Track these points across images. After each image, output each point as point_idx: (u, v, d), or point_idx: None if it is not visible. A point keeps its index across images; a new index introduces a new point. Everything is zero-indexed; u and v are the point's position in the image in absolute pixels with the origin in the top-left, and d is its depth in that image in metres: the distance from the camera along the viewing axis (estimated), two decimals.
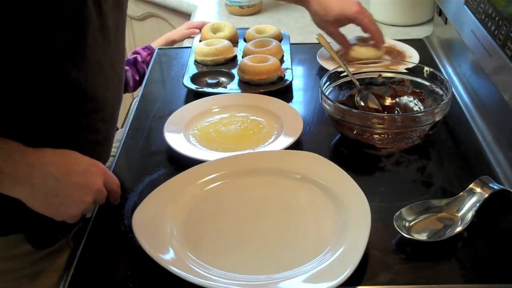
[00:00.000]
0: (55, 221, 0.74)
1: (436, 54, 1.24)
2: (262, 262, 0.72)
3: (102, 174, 0.75)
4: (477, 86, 1.04)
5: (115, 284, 0.71)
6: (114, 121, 0.88)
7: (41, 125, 0.75)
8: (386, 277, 0.69)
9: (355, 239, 0.70)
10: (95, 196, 0.74)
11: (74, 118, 0.78)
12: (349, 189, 0.79)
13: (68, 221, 0.74)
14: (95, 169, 0.75)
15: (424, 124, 0.88)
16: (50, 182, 0.70)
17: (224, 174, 0.86)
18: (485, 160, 0.90)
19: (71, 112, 0.77)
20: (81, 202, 0.72)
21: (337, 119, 0.91)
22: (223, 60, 1.21)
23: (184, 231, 0.76)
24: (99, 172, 0.75)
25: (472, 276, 0.70)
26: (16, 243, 0.82)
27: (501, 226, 0.78)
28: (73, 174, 0.72)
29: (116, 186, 0.78)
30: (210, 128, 0.99)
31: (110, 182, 0.77)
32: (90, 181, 0.73)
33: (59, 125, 0.77)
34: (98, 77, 0.79)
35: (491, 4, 0.92)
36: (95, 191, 0.74)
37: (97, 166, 0.76)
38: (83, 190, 0.72)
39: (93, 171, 0.74)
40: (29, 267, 0.84)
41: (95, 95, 0.79)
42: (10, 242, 0.82)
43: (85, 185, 0.73)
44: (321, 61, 1.19)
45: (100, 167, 0.76)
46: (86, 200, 0.73)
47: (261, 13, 1.60)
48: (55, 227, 0.80)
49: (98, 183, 0.74)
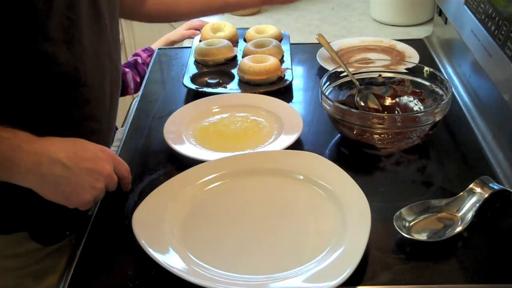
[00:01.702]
0: (60, 217, 0.74)
1: (436, 54, 1.24)
2: (262, 262, 0.72)
3: (111, 160, 0.76)
4: (477, 86, 1.04)
5: (115, 284, 0.71)
6: (115, 110, 0.88)
7: (43, 115, 0.76)
8: (386, 277, 0.69)
9: (355, 239, 0.70)
10: (106, 182, 0.74)
11: (75, 107, 0.78)
12: (349, 189, 0.79)
13: (81, 208, 0.74)
14: (103, 155, 0.75)
15: (424, 124, 0.88)
16: (59, 170, 0.70)
17: (224, 174, 0.86)
18: (485, 160, 0.90)
19: (71, 101, 0.77)
20: (92, 188, 0.73)
21: (337, 119, 0.91)
22: (223, 60, 1.21)
23: (184, 231, 0.76)
24: (108, 157, 0.75)
25: (472, 276, 0.70)
26: (20, 241, 0.82)
27: (501, 226, 0.78)
28: (82, 160, 0.72)
29: (126, 172, 0.79)
30: (210, 128, 0.99)
31: (120, 168, 0.77)
32: (99, 167, 0.73)
33: (61, 115, 0.77)
34: (95, 65, 0.79)
35: (491, 4, 0.92)
36: (106, 176, 0.74)
37: (106, 152, 0.76)
38: (93, 176, 0.73)
39: (102, 157, 0.74)
40: (34, 265, 0.84)
41: (93, 84, 0.79)
42: (14, 240, 0.82)
43: (95, 171, 0.73)
44: (321, 61, 1.19)
45: (109, 153, 0.76)
46: (97, 186, 0.73)
47: (261, 13, 1.60)
48: (61, 222, 0.80)
49: (107, 169, 0.74)
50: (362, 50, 1.28)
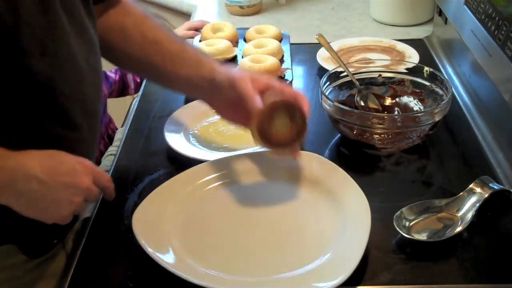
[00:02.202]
0: (47, 227, 0.72)
1: (436, 54, 1.24)
2: (261, 262, 0.72)
3: (90, 172, 0.73)
4: (477, 86, 1.04)
5: (115, 284, 0.72)
6: (97, 116, 0.83)
7: (18, 127, 0.72)
8: (386, 277, 0.69)
9: (355, 239, 0.70)
10: (85, 195, 0.72)
11: (52, 117, 0.75)
12: (349, 189, 0.79)
13: (59, 223, 0.72)
14: (81, 167, 0.72)
15: (424, 124, 0.88)
16: (35, 186, 0.68)
17: (224, 174, 0.86)
18: (485, 160, 0.90)
19: (47, 111, 0.74)
20: (69, 203, 0.70)
21: (337, 119, 0.91)
22: (223, 60, 1.21)
23: (184, 231, 0.76)
24: (86, 170, 0.72)
25: (472, 276, 0.70)
26: (9, 254, 0.79)
27: (501, 226, 0.78)
28: (59, 174, 0.69)
29: (107, 182, 0.76)
30: (210, 128, 0.99)
31: (100, 178, 0.75)
32: (77, 180, 0.71)
33: (37, 126, 0.74)
34: (72, 72, 0.75)
35: (491, 4, 0.92)
36: (84, 190, 0.71)
37: (84, 164, 0.73)
38: (70, 190, 0.70)
39: (80, 170, 0.71)
40: (23, 276, 0.81)
41: (71, 91, 0.75)
42: (3, 253, 0.79)
43: (72, 185, 0.70)
44: (321, 61, 1.19)
45: (87, 165, 0.73)
46: (74, 201, 0.71)
47: (261, 13, 1.60)
48: (47, 233, 0.78)
49: (86, 182, 0.71)
50: (362, 50, 1.28)
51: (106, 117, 1.34)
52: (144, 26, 0.87)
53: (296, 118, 0.77)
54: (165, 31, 0.88)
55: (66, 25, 0.73)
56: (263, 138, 0.76)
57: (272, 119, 0.76)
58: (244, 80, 0.80)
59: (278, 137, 0.77)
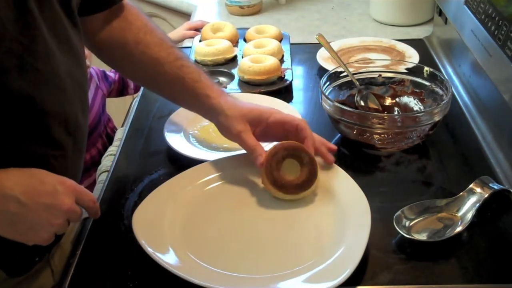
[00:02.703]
0: (28, 246, 0.70)
1: (436, 54, 1.24)
2: (261, 262, 0.72)
3: (71, 192, 0.69)
4: (477, 86, 1.04)
5: (115, 284, 0.71)
6: (82, 132, 0.79)
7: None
8: (386, 277, 0.69)
9: (355, 239, 0.70)
10: (66, 217, 0.69)
11: (33, 136, 0.70)
12: (349, 189, 0.79)
13: (40, 244, 0.70)
14: (63, 188, 0.68)
15: (424, 124, 0.88)
16: (14, 207, 0.65)
17: (224, 174, 0.86)
18: (485, 160, 0.90)
19: (28, 129, 0.70)
20: (50, 225, 0.67)
21: (337, 119, 0.91)
22: (223, 60, 1.21)
23: (184, 231, 0.76)
24: (67, 190, 0.69)
25: (472, 276, 0.70)
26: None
27: (501, 226, 0.78)
28: (39, 195, 0.66)
29: (91, 202, 0.73)
30: (210, 128, 0.99)
31: (83, 198, 0.72)
32: (58, 202, 0.67)
33: (17, 145, 0.69)
34: (54, 88, 0.71)
35: (491, 4, 0.92)
36: (65, 211, 0.68)
37: (66, 184, 0.69)
38: (50, 212, 0.67)
39: (61, 191, 0.68)
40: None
41: (53, 109, 0.71)
42: None
43: (53, 207, 0.67)
44: (321, 61, 1.19)
45: (69, 185, 0.70)
46: (55, 223, 0.68)
47: (261, 13, 1.60)
48: (28, 251, 0.74)
49: (67, 203, 0.68)
50: (362, 50, 1.28)
51: (105, 116, 1.34)
52: (144, 44, 0.86)
53: (303, 158, 0.79)
54: (166, 48, 0.87)
55: (48, 38, 0.69)
56: (276, 186, 0.79)
57: (279, 164, 0.80)
58: (245, 132, 0.83)
59: (292, 181, 0.79)
